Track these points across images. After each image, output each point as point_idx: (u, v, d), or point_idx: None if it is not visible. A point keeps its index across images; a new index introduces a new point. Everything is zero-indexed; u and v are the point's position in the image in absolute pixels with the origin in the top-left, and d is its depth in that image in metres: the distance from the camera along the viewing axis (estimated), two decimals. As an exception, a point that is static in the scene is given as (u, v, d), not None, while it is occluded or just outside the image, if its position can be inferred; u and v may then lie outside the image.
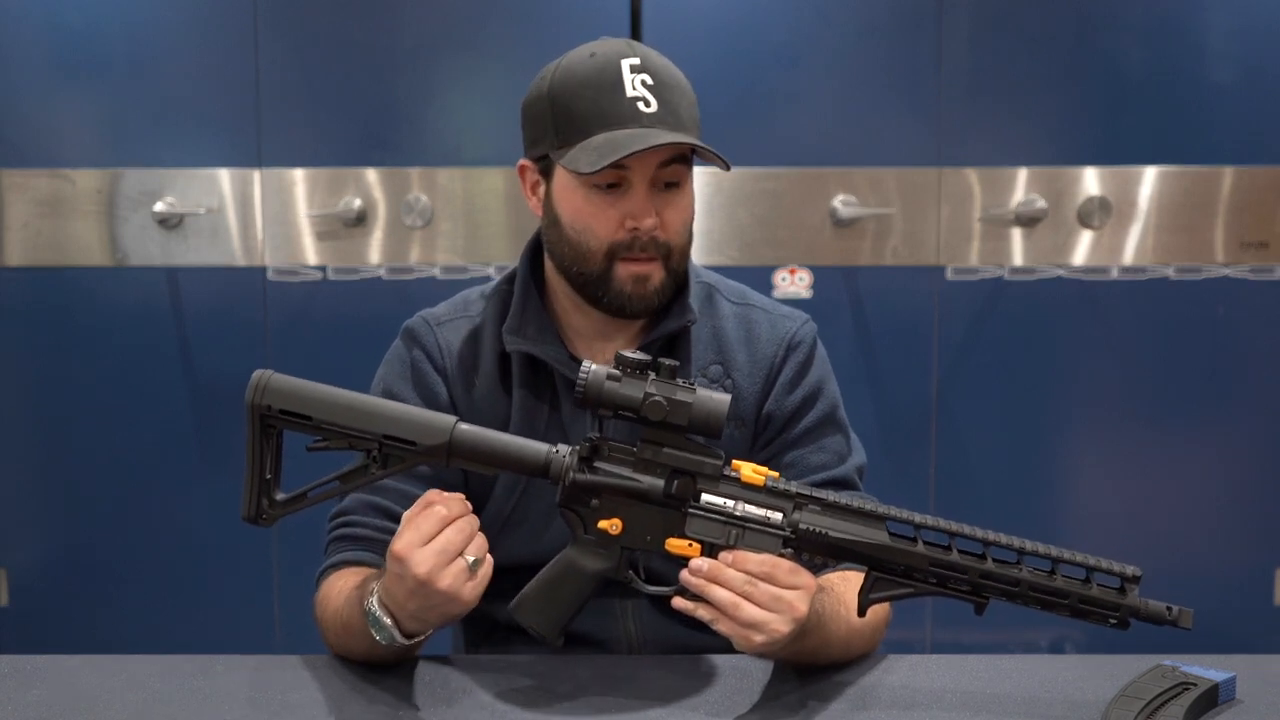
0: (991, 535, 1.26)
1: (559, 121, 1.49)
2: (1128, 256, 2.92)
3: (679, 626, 1.60)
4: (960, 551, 1.26)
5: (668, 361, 1.29)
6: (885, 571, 1.28)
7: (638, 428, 1.31)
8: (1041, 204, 2.86)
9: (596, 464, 1.31)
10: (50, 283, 2.91)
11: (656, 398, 1.27)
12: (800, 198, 2.88)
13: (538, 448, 1.32)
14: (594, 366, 1.29)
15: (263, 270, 2.90)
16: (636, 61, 1.49)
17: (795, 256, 2.89)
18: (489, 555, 1.31)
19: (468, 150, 2.89)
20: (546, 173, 1.54)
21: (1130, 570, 1.26)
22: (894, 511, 1.29)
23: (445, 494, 1.30)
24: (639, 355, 1.29)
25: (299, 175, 2.87)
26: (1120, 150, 2.89)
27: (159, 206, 2.86)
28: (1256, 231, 2.91)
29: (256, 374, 1.32)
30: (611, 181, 1.48)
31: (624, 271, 1.50)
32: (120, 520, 2.95)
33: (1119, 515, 2.98)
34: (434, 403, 1.57)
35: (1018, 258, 2.91)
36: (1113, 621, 1.27)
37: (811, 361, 1.63)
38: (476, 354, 1.59)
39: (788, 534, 1.28)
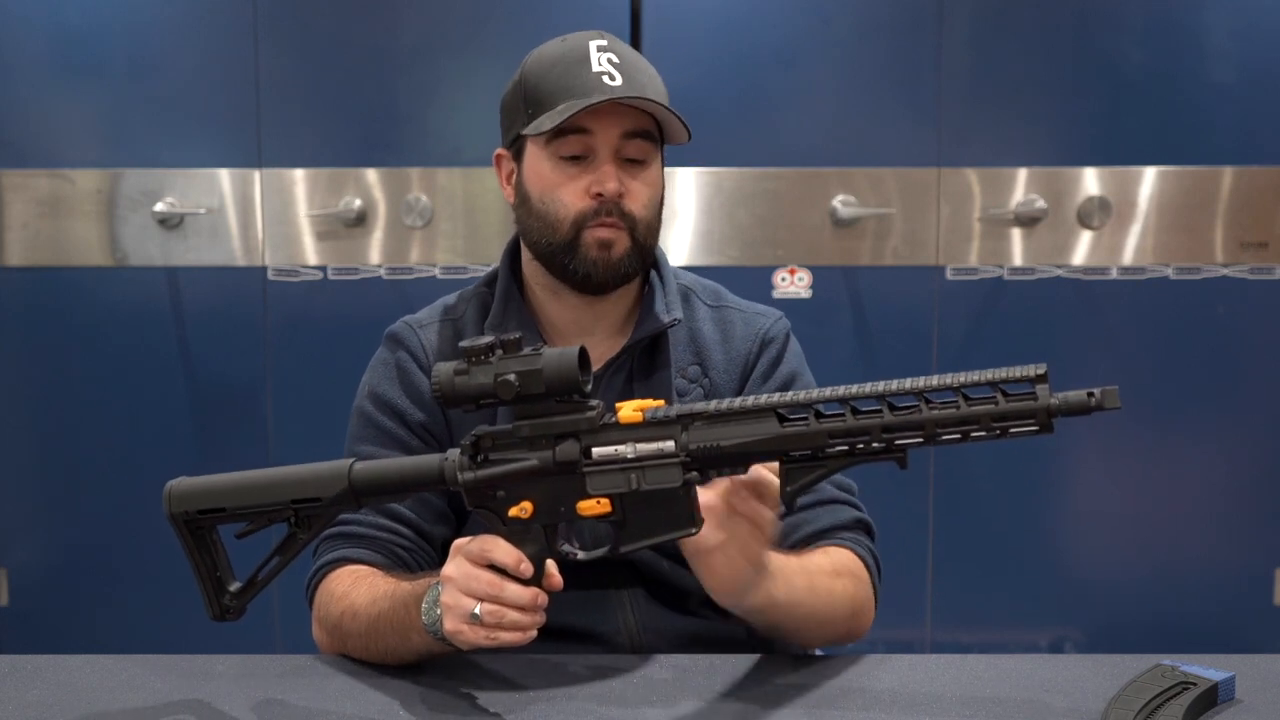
0: (883, 385, 1.19)
1: (529, 100, 1.54)
2: (1127, 256, 2.92)
3: (679, 617, 1.61)
4: (858, 413, 1.20)
5: (509, 336, 1.27)
6: (794, 460, 1.23)
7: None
8: (1041, 204, 2.86)
9: (484, 458, 1.29)
10: (50, 283, 2.91)
11: (505, 376, 1.25)
12: (800, 198, 2.88)
13: (430, 461, 1.32)
14: (441, 366, 1.28)
15: (263, 270, 2.90)
16: (604, 43, 1.54)
17: (795, 256, 2.89)
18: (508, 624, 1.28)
19: (468, 150, 2.89)
20: (519, 155, 1.58)
21: (1035, 371, 1.18)
22: (780, 396, 1.24)
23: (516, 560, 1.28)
24: (481, 340, 1.27)
25: (299, 175, 2.87)
26: (1120, 150, 2.89)
27: (159, 206, 2.86)
28: (1256, 231, 2.91)
29: (166, 486, 1.39)
30: (577, 154, 1.52)
31: (590, 237, 1.52)
32: (120, 520, 2.95)
33: (1119, 515, 2.98)
34: (422, 402, 1.59)
35: (1017, 258, 2.91)
36: (1034, 428, 1.18)
37: (784, 356, 1.65)
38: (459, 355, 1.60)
39: (684, 458, 1.25)
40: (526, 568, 1.28)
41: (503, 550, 1.27)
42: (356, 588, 1.47)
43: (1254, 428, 2.98)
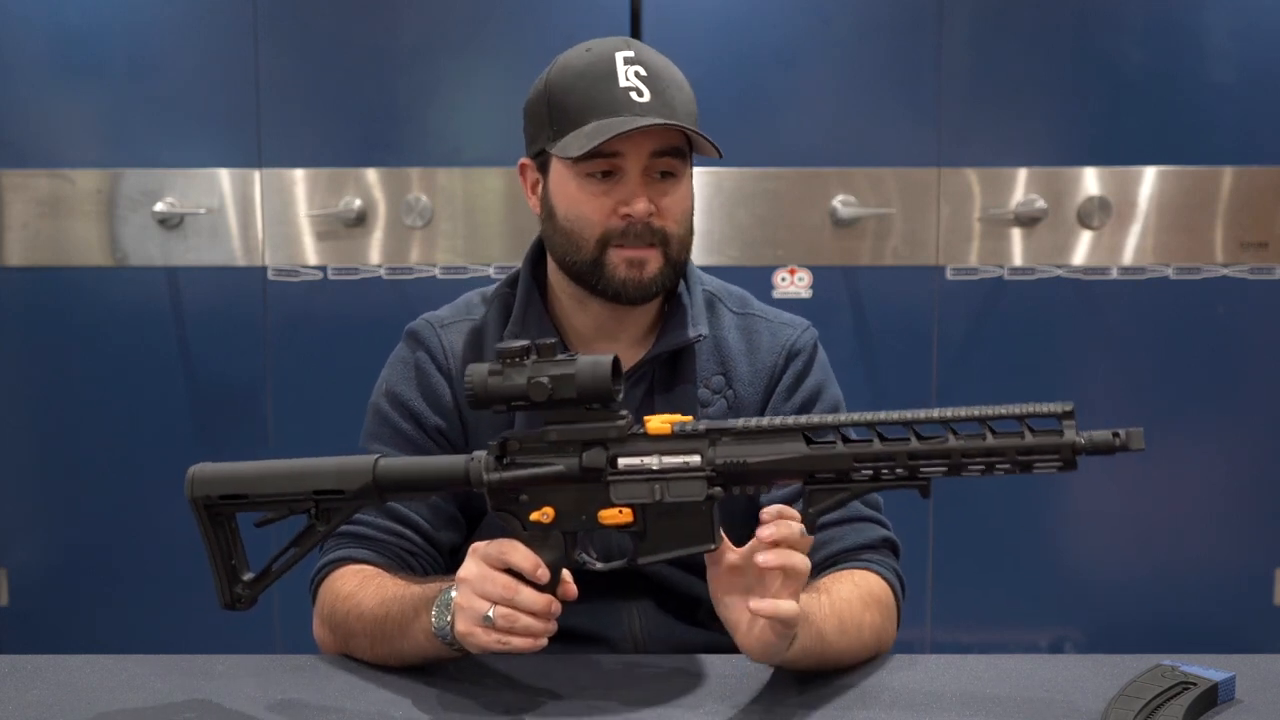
0: (910, 414, 1.20)
1: (555, 114, 1.51)
2: (1127, 256, 2.92)
3: (684, 626, 1.60)
4: (885, 439, 1.21)
5: (544, 341, 1.28)
6: (818, 482, 1.23)
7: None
8: (1041, 204, 2.86)
9: (510, 461, 1.30)
10: (50, 283, 2.91)
11: (538, 379, 1.26)
12: (800, 198, 2.88)
13: (455, 461, 1.32)
14: (475, 366, 1.29)
15: (263, 270, 2.90)
16: (631, 54, 1.50)
17: (795, 256, 2.89)
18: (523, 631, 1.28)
19: (468, 150, 2.89)
20: (544, 168, 1.55)
21: (1062, 408, 1.17)
22: (808, 419, 1.24)
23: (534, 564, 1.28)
24: (516, 343, 1.28)
25: (299, 175, 2.87)
26: (1120, 150, 2.89)
27: (159, 206, 2.86)
28: (1256, 231, 2.91)
29: (189, 470, 1.36)
30: (605, 170, 1.49)
31: (617, 257, 1.50)
32: (120, 520, 2.95)
33: (1119, 515, 2.98)
34: (438, 405, 1.58)
35: (1017, 258, 2.91)
36: (1058, 464, 1.18)
37: (810, 368, 1.63)
38: (480, 356, 1.58)
39: (709, 473, 1.25)
40: (544, 573, 1.28)
41: (521, 554, 1.27)
42: (364, 587, 1.47)
43: (1254, 428, 2.98)
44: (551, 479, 1.28)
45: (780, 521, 1.25)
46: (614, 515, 1.28)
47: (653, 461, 1.26)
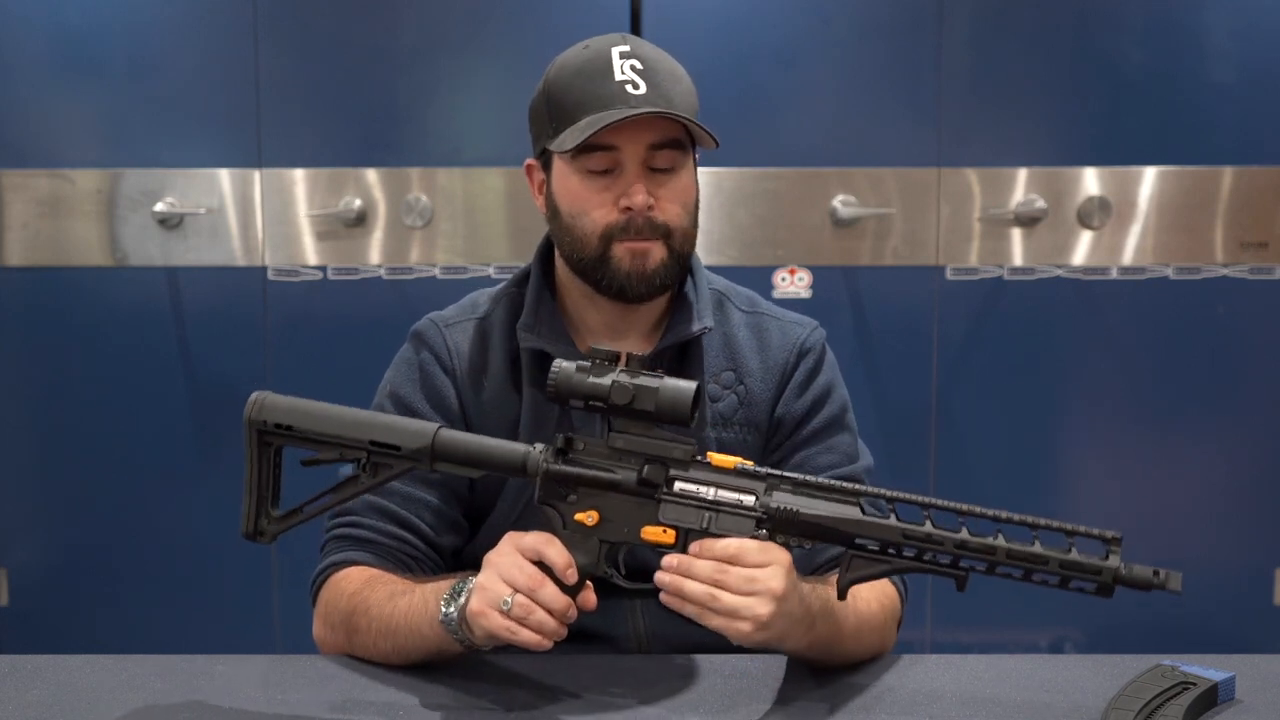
0: (965, 506, 1.24)
1: (554, 112, 1.51)
2: (1127, 256, 2.92)
3: (688, 625, 1.60)
4: (935, 524, 1.25)
5: (637, 354, 1.31)
6: (861, 549, 1.27)
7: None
8: (1041, 204, 2.86)
9: (571, 458, 1.32)
10: (50, 283, 2.91)
11: (624, 383, 1.28)
12: (800, 198, 2.88)
13: (515, 447, 1.34)
14: (564, 362, 1.32)
15: (263, 270, 2.90)
16: (626, 48, 1.51)
17: (795, 256, 2.89)
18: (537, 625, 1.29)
19: (468, 150, 2.89)
20: (547, 167, 1.56)
21: (1110, 534, 1.22)
22: (867, 488, 1.29)
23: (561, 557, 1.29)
24: (608, 349, 1.31)
25: (299, 175, 2.87)
26: (1120, 150, 2.89)
27: (159, 206, 2.86)
28: (1256, 231, 2.91)
29: (254, 394, 1.39)
30: (605, 167, 1.50)
31: (621, 250, 1.51)
32: (120, 520, 2.95)
33: (1119, 515, 2.98)
34: (442, 405, 1.58)
35: (1017, 258, 2.91)
36: (1094, 587, 1.22)
37: (821, 366, 1.64)
38: (485, 355, 1.59)
39: (760, 515, 1.28)
40: (573, 574, 1.29)
41: (556, 550, 1.29)
42: (371, 585, 1.47)
43: (1254, 428, 2.98)
44: (606, 485, 1.31)
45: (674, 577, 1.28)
46: (657, 533, 1.30)
47: (708, 492, 1.30)
